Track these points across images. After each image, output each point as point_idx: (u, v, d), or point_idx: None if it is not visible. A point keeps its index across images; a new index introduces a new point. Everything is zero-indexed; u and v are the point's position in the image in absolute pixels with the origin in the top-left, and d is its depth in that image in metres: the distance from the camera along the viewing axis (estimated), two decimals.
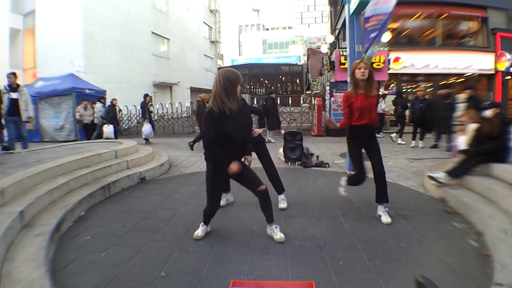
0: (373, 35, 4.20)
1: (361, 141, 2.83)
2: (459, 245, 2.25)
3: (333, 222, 2.68)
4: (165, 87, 20.80)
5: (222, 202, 3.03)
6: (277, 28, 64.75)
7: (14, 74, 5.66)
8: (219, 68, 34.39)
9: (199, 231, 2.45)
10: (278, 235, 2.37)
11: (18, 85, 5.65)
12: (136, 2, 17.62)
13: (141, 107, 9.14)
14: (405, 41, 11.56)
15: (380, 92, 10.59)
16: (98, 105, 9.19)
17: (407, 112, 7.78)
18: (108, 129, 8.38)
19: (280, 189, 3.12)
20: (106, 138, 8.18)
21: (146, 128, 8.58)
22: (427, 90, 9.84)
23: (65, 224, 2.65)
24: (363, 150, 2.83)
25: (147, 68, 18.50)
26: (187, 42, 23.80)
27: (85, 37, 14.00)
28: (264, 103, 8.47)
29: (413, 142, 6.93)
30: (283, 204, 3.08)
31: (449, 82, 11.51)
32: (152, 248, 2.30)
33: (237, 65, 39.77)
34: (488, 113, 3.33)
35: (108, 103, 9.51)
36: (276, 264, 2.03)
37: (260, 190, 2.30)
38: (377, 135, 7.15)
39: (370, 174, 2.77)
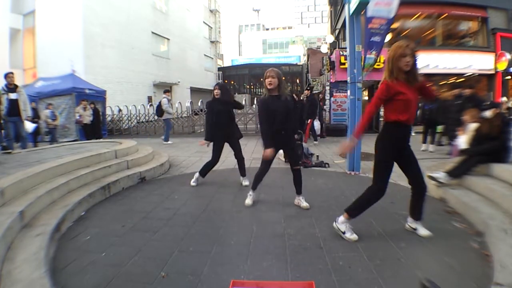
0: (374, 39, 4.20)
1: (400, 148, 2.30)
2: (459, 245, 2.25)
3: (333, 222, 2.67)
4: (165, 87, 20.79)
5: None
6: (277, 28, 64.77)
7: (12, 73, 5.68)
8: (219, 68, 34.48)
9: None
10: (304, 203, 3.09)
11: (16, 86, 5.66)
12: (136, 2, 17.65)
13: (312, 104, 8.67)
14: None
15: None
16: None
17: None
18: None
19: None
20: None
21: (315, 125, 8.38)
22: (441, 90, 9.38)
23: (65, 224, 2.65)
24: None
25: (147, 68, 18.53)
26: (187, 42, 23.83)
27: (85, 37, 14.02)
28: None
29: (424, 145, 6.59)
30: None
31: (449, 82, 11.52)
32: (152, 248, 2.30)
33: (237, 65, 39.85)
34: (488, 113, 3.33)
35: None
36: (276, 264, 2.03)
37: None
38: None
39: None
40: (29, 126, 8.07)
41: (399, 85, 2.14)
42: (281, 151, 5.58)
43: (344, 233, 2.36)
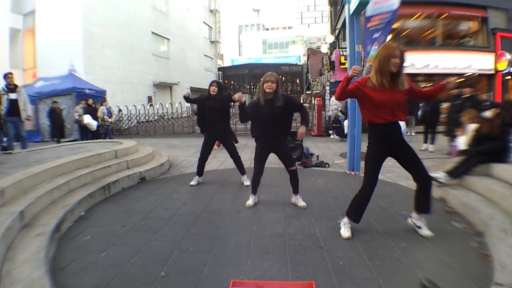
0: (376, 35, 4.20)
1: (383, 147, 2.26)
2: (459, 245, 2.25)
3: (333, 222, 2.67)
4: (165, 87, 20.81)
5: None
6: (277, 28, 64.74)
7: (11, 74, 5.70)
8: (219, 68, 34.45)
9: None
10: (301, 203, 3.08)
11: (16, 86, 5.68)
12: (136, 2, 17.64)
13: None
14: (405, 41, 11.54)
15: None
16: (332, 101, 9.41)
17: None
18: (347, 123, 8.51)
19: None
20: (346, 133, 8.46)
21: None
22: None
23: (65, 224, 2.65)
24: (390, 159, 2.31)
25: (147, 68, 18.52)
26: (187, 42, 23.82)
27: (85, 37, 14.01)
28: None
29: (424, 145, 6.62)
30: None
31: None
32: (152, 248, 2.30)
33: (237, 65, 39.84)
34: (488, 113, 3.33)
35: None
36: (276, 264, 2.03)
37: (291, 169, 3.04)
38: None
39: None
40: (93, 123, 8.48)
41: (372, 88, 2.14)
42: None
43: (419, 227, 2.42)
